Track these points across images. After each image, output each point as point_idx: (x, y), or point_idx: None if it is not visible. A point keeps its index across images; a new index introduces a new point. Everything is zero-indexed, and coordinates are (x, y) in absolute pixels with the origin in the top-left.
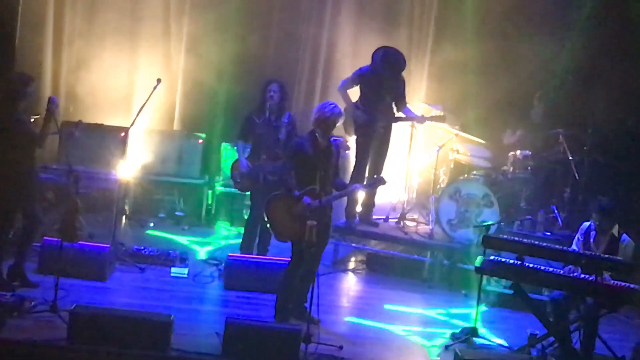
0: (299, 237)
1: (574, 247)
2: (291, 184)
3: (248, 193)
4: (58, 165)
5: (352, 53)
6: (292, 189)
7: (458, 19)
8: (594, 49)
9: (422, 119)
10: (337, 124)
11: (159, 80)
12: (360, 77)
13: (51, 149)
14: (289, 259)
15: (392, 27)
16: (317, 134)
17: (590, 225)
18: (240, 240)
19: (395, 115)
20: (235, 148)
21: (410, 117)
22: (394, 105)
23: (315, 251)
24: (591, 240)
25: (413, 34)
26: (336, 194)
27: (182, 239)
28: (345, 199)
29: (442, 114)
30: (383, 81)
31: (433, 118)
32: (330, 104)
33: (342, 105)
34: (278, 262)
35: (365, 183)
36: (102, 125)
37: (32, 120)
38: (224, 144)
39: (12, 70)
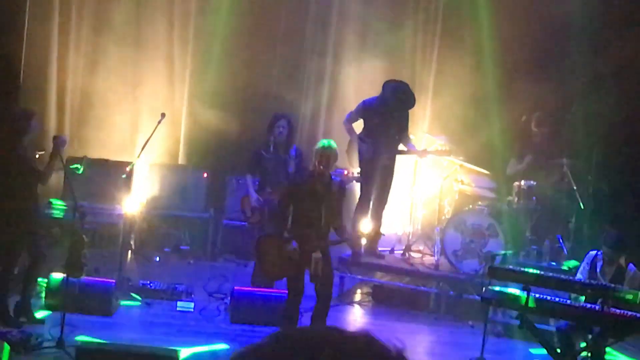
0: (289, 277)
1: (579, 276)
2: (282, 224)
3: None
4: (63, 201)
5: (356, 86)
6: (283, 229)
7: (461, 50)
8: (596, 77)
9: (423, 153)
10: (334, 157)
11: (163, 115)
12: (365, 109)
13: (56, 185)
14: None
15: (395, 58)
16: (315, 172)
17: (597, 255)
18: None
19: (399, 149)
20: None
21: (412, 150)
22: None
23: (322, 286)
24: (597, 270)
25: (416, 64)
26: (331, 240)
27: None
28: (350, 230)
29: (446, 147)
30: (390, 113)
31: (437, 152)
32: (324, 139)
33: (347, 138)
34: (285, 295)
35: (363, 233)
36: (107, 160)
37: (37, 156)
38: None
39: (17, 105)
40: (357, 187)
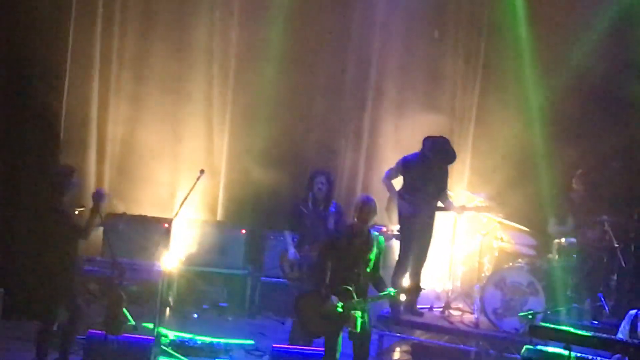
0: (329, 334)
1: (620, 335)
2: (321, 280)
3: None
4: (102, 258)
5: (395, 141)
6: (321, 285)
7: (501, 106)
8: (637, 134)
9: (462, 210)
10: (374, 213)
11: (202, 171)
12: (405, 166)
13: (95, 242)
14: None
15: (434, 115)
16: (354, 227)
17: (637, 314)
18: None
19: (438, 205)
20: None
21: (450, 207)
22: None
23: (360, 344)
24: (638, 329)
25: (454, 121)
26: (371, 297)
27: None
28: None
29: (485, 204)
30: (429, 170)
31: (475, 208)
32: (364, 194)
33: (386, 195)
34: (323, 353)
35: (403, 287)
36: (145, 217)
37: (76, 212)
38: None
39: (57, 163)
40: (396, 244)
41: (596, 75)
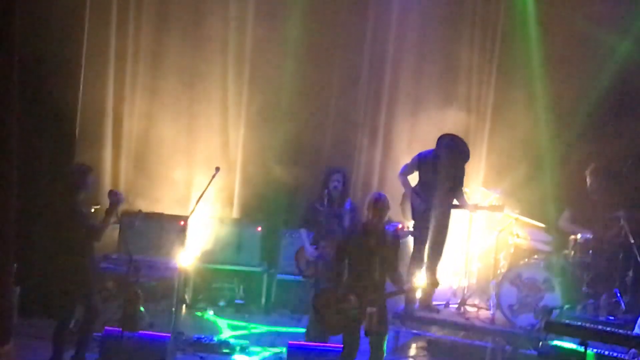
0: (347, 331)
1: (637, 330)
2: (337, 278)
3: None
4: (118, 255)
5: (409, 139)
6: (338, 283)
7: (516, 102)
8: None
9: (475, 208)
10: (387, 209)
11: (217, 169)
12: (420, 162)
13: (111, 239)
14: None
15: (449, 112)
16: (368, 224)
17: None
18: None
19: (453, 202)
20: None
21: (463, 205)
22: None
23: (376, 341)
24: None
25: (470, 118)
26: (388, 292)
27: None
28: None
29: (499, 202)
30: (444, 167)
31: (489, 207)
32: (376, 192)
33: (401, 191)
34: (340, 349)
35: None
36: (161, 214)
37: (92, 210)
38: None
39: (72, 161)
40: (411, 240)
41: (610, 73)
